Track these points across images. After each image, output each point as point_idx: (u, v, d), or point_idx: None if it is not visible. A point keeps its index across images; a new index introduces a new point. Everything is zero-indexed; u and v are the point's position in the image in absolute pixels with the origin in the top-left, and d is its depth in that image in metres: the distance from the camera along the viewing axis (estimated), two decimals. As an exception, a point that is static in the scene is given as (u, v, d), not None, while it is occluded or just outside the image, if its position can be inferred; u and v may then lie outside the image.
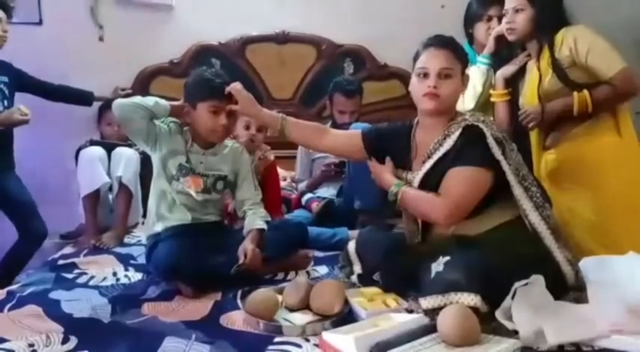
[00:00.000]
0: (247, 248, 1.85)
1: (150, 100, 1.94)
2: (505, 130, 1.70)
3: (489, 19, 2.54)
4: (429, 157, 1.67)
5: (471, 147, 1.60)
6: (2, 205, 2.62)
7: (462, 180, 1.60)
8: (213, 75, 1.99)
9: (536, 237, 1.61)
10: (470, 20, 2.53)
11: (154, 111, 1.93)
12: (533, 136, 2.13)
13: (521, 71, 2.16)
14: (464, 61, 1.72)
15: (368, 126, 2.61)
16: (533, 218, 1.60)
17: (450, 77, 1.66)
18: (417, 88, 1.71)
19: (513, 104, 2.17)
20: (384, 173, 1.78)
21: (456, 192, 1.59)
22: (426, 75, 1.68)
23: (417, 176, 1.69)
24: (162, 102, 1.97)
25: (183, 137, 2.01)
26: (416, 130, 1.80)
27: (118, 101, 1.93)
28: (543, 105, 1.99)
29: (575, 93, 1.94)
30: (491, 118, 1.96)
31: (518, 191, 1.60)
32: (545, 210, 1.62)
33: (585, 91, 1.93)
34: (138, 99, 1.94)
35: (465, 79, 1.73)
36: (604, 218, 1.94)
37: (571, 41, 1.94)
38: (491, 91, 2.24)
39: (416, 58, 1.74)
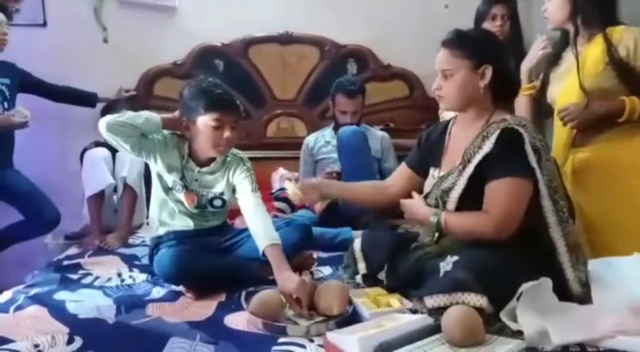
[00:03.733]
0: (291, 285, 1.61)
1: (140, 117, 1.83)
2: (543, 138, 1.64)
3: (494, 17, 2.57)
4: (468, 161, 1.62)
5: (510, 154, 1.56)
6: (8, 198, 2.63)
7: (506, 193, 1.55)
8: (212, 86, 1.89)
9: (552, 250, 1.58)
10: (477, 20, 2.54)
11: (144, 129, 1.85)
12: (562, 131, 2.04)
13: (550, 62, 2.06)
14: (475, 55, 1.64)
15: (365, 128, 2.64)
16: (555, 233, 1.57)
17: (451, 76, 1.66)
18: None
19: (536, 98, 2.09)
20: (417, 207, 1.73)
21: (501, 206, 1.55)
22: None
23: (459, 182, 1.63)
24: (154, 118, 1.87)
25: (180, 152, 1.94)
26: (452, 126, 1.80)
27: (105, 119, 1.81)
28: (588, 104, 1.90)
29: (633, 99, 1.86)
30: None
31: (546, 203, 1.57)
32: (567, 227, 1.59)
33: (635, 98, 1.87)
34: (127, 116, 1.82)
35: (485, 72, 1.64)
36: (637, 221, 1.89)
37: (631, 43, 1.87)
38: None
39: None
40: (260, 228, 1.83)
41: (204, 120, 1.85)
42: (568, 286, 1.56)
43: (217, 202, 1.99)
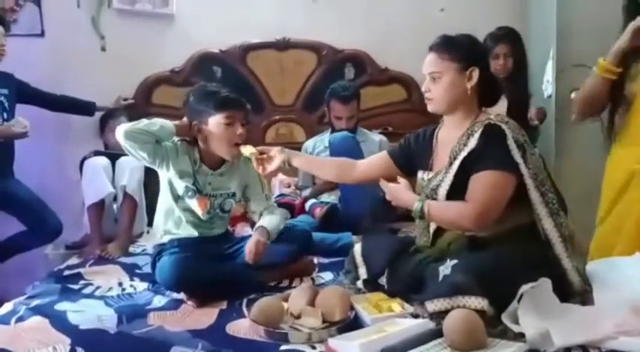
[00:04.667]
0: (250, 245, 1.88)
1: (155, 125, 1.88)
2: (525, 134, 1.66)
3: (496, 56, 2.65)
4: (454, 158, 1.66)
5: (493, 148, 1.60)
6: (10, 208, 2.63)
7: (487, 185, 1.59)
8: (216, 87, 1.99)
9: (547, 243, 1.60)
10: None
11: (159, 136, 1.89)
12: None
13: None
14: (461, 57, 1.68)
15: (363, 133, 2.64)
16: (547, 224, 1.60)
17: (439, 78, 1.69)
18: None
19: (615, 86, 1.86)
20: (402, 193, 1.76)
21: (482, 197, 1.58)
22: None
23: (445, 178, 1.67)
24: (168, 125, 1.92)
25: (190, 157, 1.98)
26: (439, 131, 1.83)
27: (122, 127, 1.86)
28: None
29: None
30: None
31: (534, 195, 1.60)
32: (559, 218, 1.61)
33: None
34: (143, 124, 1.87)
35: (472, 74, 1.67)
36: None
37: None
38: (599, 60, 1.87)
39: None
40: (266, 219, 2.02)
41: (216, 120, 1.91)
42: (567, 277, 1.58)
43: (227, 205, 2.04)
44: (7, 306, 1.76)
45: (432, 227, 1.76)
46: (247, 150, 1.95)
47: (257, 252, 1.87)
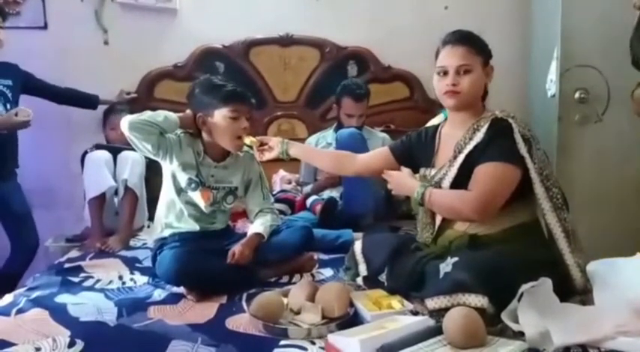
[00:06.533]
0: (236, 249, 1.90)
1: (159, 116, 1.89)
2: (531, 129, 1.67)
3: None
4: (459, 152, 1.66)
5: (499, 141, 1.61)
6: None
7: (492, 176, 1.59)
8: (222, 80, 2.00)
9: (550, 239, 1.61)
10: None
11: (163, 127, 1.90)
12: None
13: None
14: (484, 53, 1.72)
15: (366, 130, 2.63)
16: (550, 218, 1.61)
17: (470, 72, 1.68)
18: (438, 86, 1.73)
19: None
20: (405, 179, 1.77)
21: (485, 187, 1.59)
22: (445, 73, 1.70)
23: (450, 171, 1.67)
24: (172, 116, 1.93)
25: (194, 149, 1.99)
26: (442, 128, 1.83)
27: (127, 118, 1.86)
28: None
29: None
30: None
31: (539, 190, 1.60)
32: (562, 213, 1.62)
33: None
34: (147, 115, 1.88)
35: (489, 70, 1.74)
36: None
37: None
38: None
39: (436, 55, 1.75)
40: (258, 222, 2.04)
41: (222, 113, 1.93)
42: (569, 273, 1.58)
43: (230, 199, 2.05)
44: (8, 298, 1.77)
45: (438, 220, 1.76)
46: (248, 139, 1.97)
47: (237, 260, 1.87)
